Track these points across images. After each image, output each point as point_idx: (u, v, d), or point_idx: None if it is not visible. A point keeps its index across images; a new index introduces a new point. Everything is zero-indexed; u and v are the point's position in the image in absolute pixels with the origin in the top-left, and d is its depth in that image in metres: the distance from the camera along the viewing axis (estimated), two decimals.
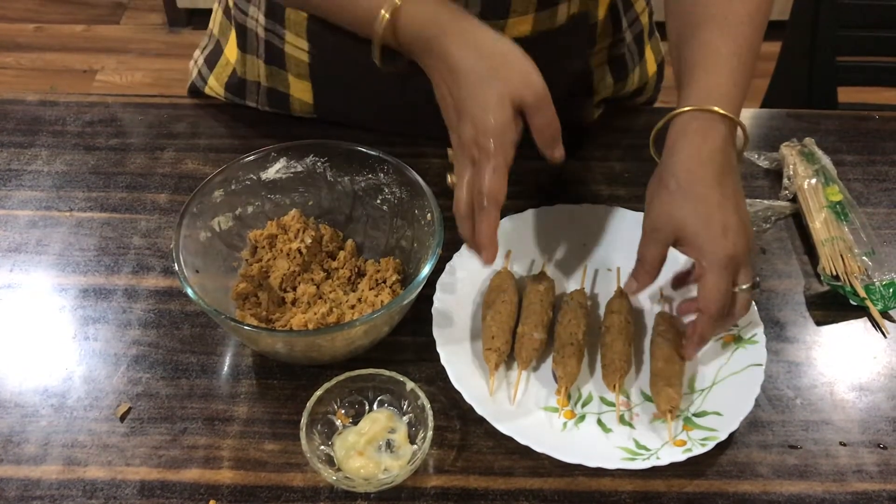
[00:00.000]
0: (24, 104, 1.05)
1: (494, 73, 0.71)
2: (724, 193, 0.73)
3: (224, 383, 0.78)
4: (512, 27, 0.87)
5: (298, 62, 0.95)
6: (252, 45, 0.97)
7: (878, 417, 0.77)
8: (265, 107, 1.02)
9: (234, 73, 1.01)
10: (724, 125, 0.74)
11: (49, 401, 0.77)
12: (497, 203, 0.71)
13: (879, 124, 1.06)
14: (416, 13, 0.74)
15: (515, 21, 0.87)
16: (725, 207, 0.72)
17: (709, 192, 0.72)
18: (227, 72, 1.02)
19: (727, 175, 0.73)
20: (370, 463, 0.70)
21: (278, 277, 0.82)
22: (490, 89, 0.71)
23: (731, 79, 0.75)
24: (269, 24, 0.94)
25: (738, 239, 0.72)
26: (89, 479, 0.71)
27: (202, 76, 1.05)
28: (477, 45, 0.73)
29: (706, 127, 0.74)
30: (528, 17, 0.87)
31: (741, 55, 0.76)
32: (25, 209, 0.93)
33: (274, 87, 0.99)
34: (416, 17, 0.74)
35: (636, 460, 0.71)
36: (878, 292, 0.85)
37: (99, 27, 2.76)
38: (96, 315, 0.83)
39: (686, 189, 0.73)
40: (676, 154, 0.74)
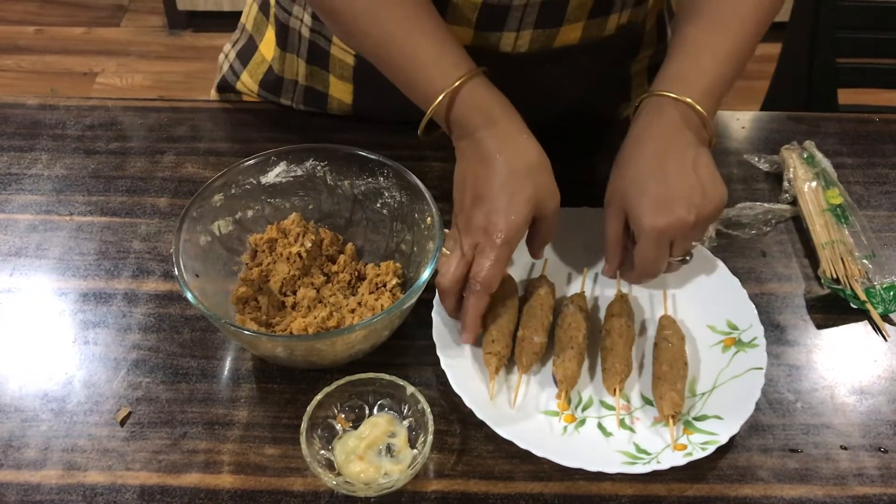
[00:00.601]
0: (24, 108, 1.05)
1: (528, 176, 0.74)
2: (667, 167, 0.75)
3: (224, 387, 0.78)
4: (563, 35, 0.88)
5: (343, 65, 0.95)
6: (293, 44, 0.97)
7: (878, 421, 0.77)
8: (300, 105, 1.02)
9: (270, 71, 1.00)
10: (678, 108, 0.76)
11: (49, 405, 0.77)
12: (490, 291, 0.75)
13: (880, 127, 1.06)
14: (472, 99, 0.75)
15: (567, 28, 0.88)
16: (664, 182, 0.74)
17: (648, 166, 0.75)
18: (262, 69, 1.01)
19: (676, 152, 0.75)
20: (370, 467, 0.70)
21: (278, 281, 0.82)
22: (521, 189, 0.73)
23: (697, 68, 0.78)
24: (315, 26, 0.94)
25: (675, 214, 0.73)
26: (89, 483, 0.71)
27: (234, 71, 1.04)
28: (518, 145, 0.75)
29: (658, 109, 0.77)
30: (579, 25, 0.88)
31: (719, 51, 0.78)
32: (25, 213, 0.93)
33: (312, 87, 0.99)
34: (469, 101, 0.75)
35: (636, 464, 0.71)
36: (879, 295, 0.85)
37: (99, 30, 2.76)
38: (96, 319, 0.83)
39: (630, 163, 0.77)
40: (630, 134, 0.79)
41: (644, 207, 0.74)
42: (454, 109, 0.75)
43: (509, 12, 0.84)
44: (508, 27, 0.85)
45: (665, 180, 0.74)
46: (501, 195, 0.73)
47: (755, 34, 0.80)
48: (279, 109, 1.03)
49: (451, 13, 0.84)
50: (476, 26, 0.85)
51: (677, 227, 0.74)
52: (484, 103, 0.75)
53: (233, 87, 1.05)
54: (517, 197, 0.73)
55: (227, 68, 1.05)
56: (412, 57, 0.76)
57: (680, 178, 0.74)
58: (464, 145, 0.76)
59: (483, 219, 0.73)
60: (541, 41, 0.88)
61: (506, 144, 0.74)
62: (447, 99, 0.74)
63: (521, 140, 0.75)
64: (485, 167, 0.74)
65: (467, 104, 0.75)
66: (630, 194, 0.76)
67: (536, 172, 0.74)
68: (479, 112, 0.75)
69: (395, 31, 0.76)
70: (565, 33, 0.88)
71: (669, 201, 0.73)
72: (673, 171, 0.74)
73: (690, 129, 0.76)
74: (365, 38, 0.78)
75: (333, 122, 1.02)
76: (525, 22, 0.85)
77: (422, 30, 0.76)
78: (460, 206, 0.76)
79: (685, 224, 0.74)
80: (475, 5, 0.83)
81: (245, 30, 1.04)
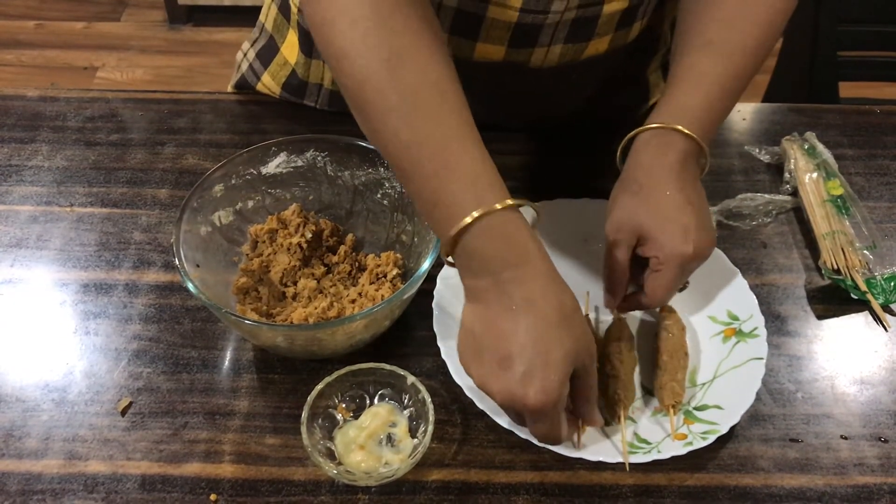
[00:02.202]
0: (25, 100, 1.05)
1: (565, 327, 0.63)
2: (685, 199, 0.74)
3: (225, 378, 0.78)
4: (591, 47, 0.88)
5: None
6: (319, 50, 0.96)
7: (879, 411, 0.77)
8: (324, 107, 1.01)
9: (293, 75, 1.00)
10: (686, 143, 0.75)
11: (50, 395, 0.77)
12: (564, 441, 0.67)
13: (881, 118, 1.06)
14: (505, 229, 0.63)
15: (596, 41, 0.88)
16: (686, 211, 0.73)
17: (670, 196, 0.74)
18: (285, 72, 1.01)
19: (687, 184, 0.74)
20: (371, 457, 0.71)
21: (279, 272, 0.82)
22: (559, 344, 0.62)
23: (705, 102, 0.76)
24: None
25: (697, 242, 0.73)
26: (90, 473, 0.71)
27: (255, 72, 1.04)
28: (553, 291, 0.64)
29: (668, 142, 0.75)
30: (607, 38, 0.88)
31: (724, 83, 0.77)
32: (26, 204, 0.93)
33: (338, 91, 0.97)
34: (502, 231, 0.63)
35: (637, 454, 0.71)
36: (880, 286, 0.85)
37: (100, 24, 2.76)
38: (97, 310, 0.83)
39: (648, 192, 0.74)
40: (639, 163, 0.76)
41: (672, 235, 0.72)
42: (480, 237, 0.63)
43: (542, 30, 0.84)
44: (540, 44, 0.85)
45: (686, 210, 0.73)
46: (538, 355, 0.62)
47: (760, 59, 0.80)
48: (279, 102, 1.03)
49: (485, 32, 0.84)
50: (509, 44, 0.85)
51: (700, 255, 0.73)
52: (519, 237, 0.64)
53: (252, 88, 1.04)
54: (554, 354, 0.62)
55: (247, 68, 1.05)
56: (444, 167, 0.64)
57: (696, 209, 0.74)
58: (482, 286, 0.64)
59: (518, 387, 0.62)
60: (570, 55, 0.88)
61: (539, 291, 0.63)
62: (476, 222, 0.62)
63: (556, 286, 0.64)
64: (513, 319, 0.62)
65: (498, 234, 0.63)
66: (651, 221, 0.73)
67: (572, 322, 0.64)
68: (512, 247, 0.63)
69: (429, 134, 0.65)
70: (594, 46, 0.88)
71: (693, 229, 0.73)
72: (691, 201, 0.74)
73: (695, 163, 0.76)
74: (392, 137, 0.66)
75: (335, 114, 1.02)
76: (556, 38, 0.85)
77: (461, 139, 0.65)
78: (479, 364, 0.65)
79: (705, 252, 0.74)
80: (509, 25, 0.83)
81: (265, 30, 1.03)
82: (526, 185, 0.93)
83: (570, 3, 0.81)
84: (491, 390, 0.64)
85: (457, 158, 0.64)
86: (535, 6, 0.81)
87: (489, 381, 0.64)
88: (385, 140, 0.67)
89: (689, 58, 0.79)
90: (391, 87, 0.64)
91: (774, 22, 0.79)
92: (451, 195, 0.64)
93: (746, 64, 0.78)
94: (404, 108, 0.65)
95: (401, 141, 0.65)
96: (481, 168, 0.65)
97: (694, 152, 0.76)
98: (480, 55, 0.87)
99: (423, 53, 0.65)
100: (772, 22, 0.79)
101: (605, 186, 0.95)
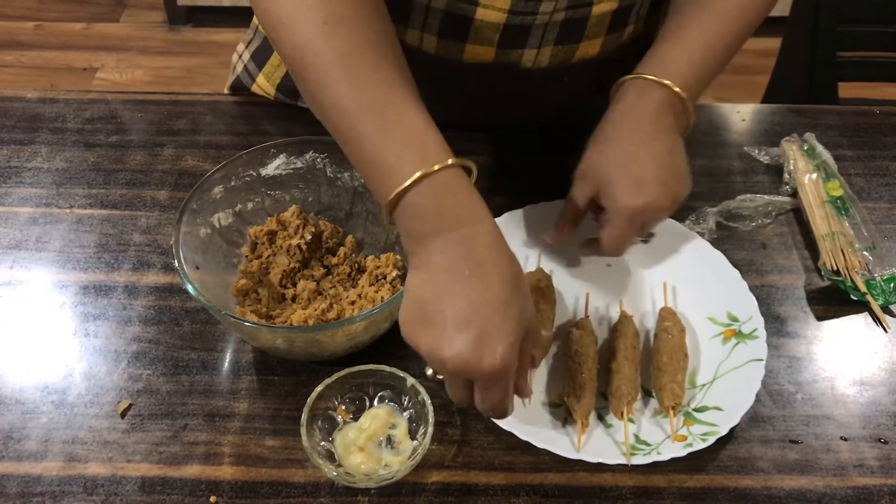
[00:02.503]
0: (24, 101, 1.05)
1: (516, 289, 0.62)
2: (647, 150, 0.75)
3: (224, 379, 0.78)
4: (581, 50, 0.89)
5: None
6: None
7: (878, 412, 0.77)
8: None
9: (287, 76, 1.00)
10: (662, 92, 0.76)
11: (49, 397, 0.77)
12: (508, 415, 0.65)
13: (880, 119, 1.06)
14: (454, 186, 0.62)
15: (586, 44, 0.88)
16: (643, 162, 0.74)
17: (629, 147, 0.75)
18: (279, 73, 1.01)
19: (656, 135, 0.75)
20: (371, 459, 0.70)
21: (278, 274, 0.82)
22: (512, 306, 0.61)
23: (686, 55, 0.78)
24: None
25: (651, 194, 0.73)
26: (90, 475, 0.71)
27: (249, 73, 1.03)
28: (503, 253, 0.63)
29: (642, 91, 0.77)
30: (598, 40, 0.88)
31: (708, 39, 0.79)
32: (25, 206, 0.93)
33: None
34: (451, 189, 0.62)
35: (637, 455, 0.71)
36: (879, 287, 0.85)
37: (99, 25, 2.76)
38: (97, 312, 0.83)
39: (612, 143, 0.76)
40: (611, 113, 0.78)
41: (623, 187, 0.74)
42: (428, 195, 0.61)
43: (531, 31, 0.84)
44: (530, 45, 0.86)
45: (644, 162, 0.75)
46: (491, 317, 0.60)
47: (746, 28, 0.81)
48: (278, 103, 1.03)
49: (474, 34, 0.84)
50: (498, 45, 0.85)
51: (652, 209, 0.74)
52: (467, 196, 0.62)
53: (247, 89, 1.04)
54: (507, 317, 0.60)
55: (242, 69, 1.05)
56: (384, 127, 0.63)
57: (658, 162, 0.75)
58: (429, 250, 0.62)
59: (473, 351, 0.59)
60: (560, 56, 0.89)
61: (489, 253, 0.61)
62: (423, 180, 0.61)
63: (504, 249, 0.63)
64: (465, 282, 0.60)
65: (446, 191, 0.61)
66: (608, 172, 0.75)
67: (521, 286, 0.63)
68: (461, 204, 0.62)
69: (368, 96, 0.63)
70: (584, 48, 0.89)
71: (647, 183, 0.74)
72: (652, 154, 0.75)
73: (671, 115, 0.77)
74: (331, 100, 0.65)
75: None
76: (546, 39, 0.85)
77: (401, 99, 0.64)
78: (428, 331, 0.61)
79: (660, 207, 0.74)
80: (497, 26, 0.83)
81: (258, 31, 1.03)
82: (523, 185, 0.92)
83: (558, 4, 0.81)
84: (442, 357, 0.60)
85: (398, 118, 0.63)
86: (523, 7, 0.81)
87: (441, 347, 0.60)
88: (324, 104, 0.66)
89: (676, 17, 0.81)
90: (328, 49, 0.64)
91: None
92: (394, 156, 0.62)
93: (734, 25, 0.80)
94: (342, 70, 0.64)
95: (340, 104, 0.64)
96: (423, 128, 0.63)
97: (671, 103, 0.76)
98: (470, 56, 0.87)
99: (360, 17, 0.65)
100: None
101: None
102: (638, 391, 0.76)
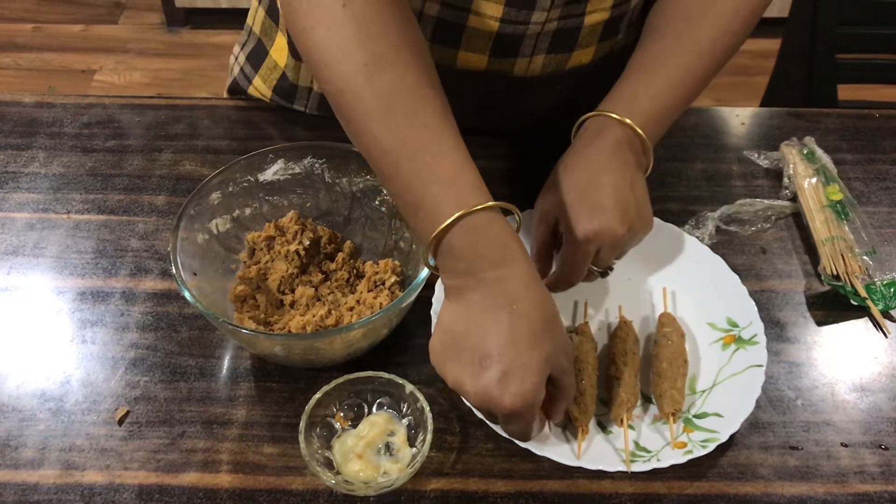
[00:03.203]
0: (21, 106, 1.05)
1: (546, 331, 0.64)
2: (607, 178, 0.74)
3: (222, 386, 0.78)
4: (574, 58, 0.89)
5: None
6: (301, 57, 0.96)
7: (879, 418, 0.77)
8: (313, 111, 1.01)
9: (283, 77, 1.00)
10: (621, 130, 0.75)
11: (46, 405, 0.76)
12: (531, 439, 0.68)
13: (880, 122, 1.06)
14: (489, 228, 0.63)
15: (578, 53, 0.88)
16: (601, 191, 0.73)
17: (588, 174, 0.75)
18: (275, 75, 1.01)
19: (615, 169, 0.75)
20: (369, 466, 0.70)
21: (276, 280, 0.82)
22: (540, 348, 0.63)
23: (651, 92, 0.77)
24: None
25: (607, 218, 0.72)
26: (87, 483, 0.71)
27: (246, 75, 1.03)
28: (536, 294, 0.64)
29: (602, 129, 0.76)
30: (590, 49, 0.89)
31: (672, 76, 0.78)
32: (23, 211, 0.93)
33: None
34: (486, 231, 0.63)
35: (636, 462, 0.70)
36: (879, 292, 0.85)
37: (97, 27, 2.76)
38: (94, 318, 0.83)
39: (569, 173, 0.76)
40: (573, 147, 0.78)
41: (578, 212, 0.73)
42: (463, 236, 0.63)
43: (523, 40, 0.84)
44: (522, 53, 0.86)
45: (601, 190, 0.73)
46: (518, 356, 0.62)
47: (715, 63, 0.80)
48: (277, 107, 1.03)
49: (466, 41, 0.84)
50: (491, 53, 0.86)
51: (608, 235, 0.72)
52: (503, 237, 0.64)
53: (244, 91, 1.04)
54: (535, 356, 0.62)
55: (238, 71, 1.05)
56: (423, 168, 0.64)
57: (616, 191, 0.73)
58: (465, 285, 0.64)
59: (495, 388, 0.62)
60: (553, 65, 0.89)
61: (522, 292, 0.63)
62: (459, 222, 0.62)
63: (539, 289, 0.64)
64: (495, 319, 0.62)
65: (482, 233, 0.63)
66: (565, 200, 0.74)
67: (553, 325, 0.65)
68: (495, 246, 0.63)
69: (408, 137, 0.65)
70: (577, 57, 0.89)
71: (604, 209, 0.72)
72: (610, 183, 0.74)
73: (631, 152, 0.76)
74: (372, 141, 0.66)
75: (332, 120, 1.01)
76: (538, 48, 0.86)
77: (439, 141, 0.65)
78: (456, 363, 0.64)
79: (615, 234, 0.72)
80: (490, 34, 0.83)
81: (252, 32, 1.03)
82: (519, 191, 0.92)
83: (550, 14, 0.81)
84: (466, 390, 0.63)
85: (436, 160, 0.64)
86: (515, 17, 0.81)
87: (465, 380, 0.63)
88: (367, 145, 0.67)
89: (643, 51, 0.80)
90: (369, 91, 0.65)
91: (732, 26, 0.79)
92: (432, 197, 0.64)
93: (700, 61, 0.79)
94: (382, 112, 0.65)
95: (381, 145, 0.66)
96: (461, 169, 0.65)
97: (629, 141, 0.76)
98: (463, 63, 0.87)
99: (402, 58, 0.66)
100: (729, 25, 0.79)
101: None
102: (638, 397, 0.75)
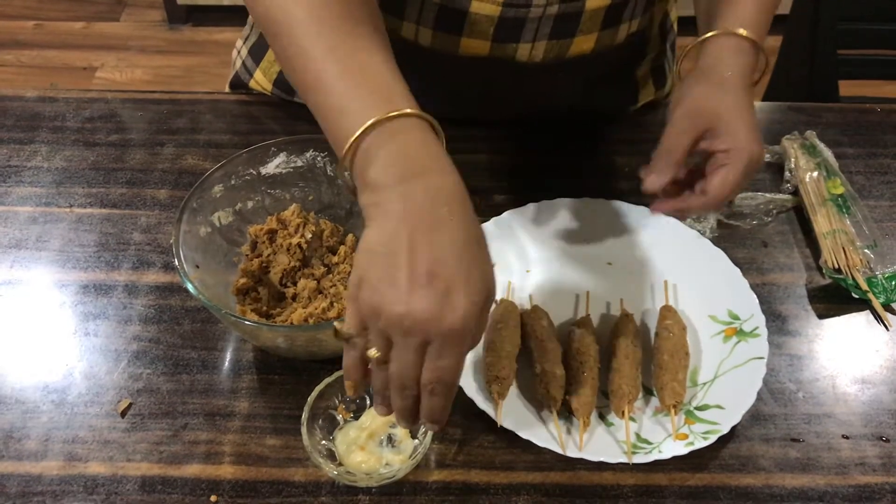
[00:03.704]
0: (24, 100, 1.05)
1: (482, 246, 0.58)
2: (749, 104, 0.75)
3: (225, 378, 0.78)
4: (576, 45, 0.89)
5: None
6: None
7: (880, 410, 0.77)
8: None
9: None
10: (753, 52, 0.78)
11: (50, 397, 0.76)
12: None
13: (881, 117, 1.06)
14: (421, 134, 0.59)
15: (580, 39, 0.88)
16: (753, 115, 0.75)
17: (744, 96, 0.75)
18: (276, 68, 1.01)
19: (749, 93, 0.76)
20: (371, 457, 0.70)
21: (278, 272, 0.82)
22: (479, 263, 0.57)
23: (756, 7, 0.79)
24: None
25: (761, 147, 0.74)
26: (90, 474, 0.71)
27: (247, 69, 1.04)
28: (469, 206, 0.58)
29: (737, 46, 0.77)
30: (592, 36, 0.89)
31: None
32: (25, 205, 0.93)
33: None
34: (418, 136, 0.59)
35: (638, 454, 0.71)
36: (881, 285, 0.85)
37: (99, 24, 2.76)
38: (97, 311, 0.83)
39: (728, 87, 0.75)
40: (720, 60, 0.77)
41: (746, 130, 0.73)
42: (393, 139, 0.58)
43: (525, 24, 0.85)
44: (524, 39, 0.86)
45: (753, 115, 0.75)
46: (459, 271, 0.55)
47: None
48: (279, 101, 1.03)
49: (469, 27, 0.85)
50: (493, 38, 0.86)
51: (760, 159, 0.74)
52: (436, 147, 0.59)
53: (245, 85, 1.05)
54: (475, 273, 0.56)
55: (240, 65, 1.05)
56: (351, 73, 0.61)
57: (754, 118, 0.75)
58: (389, 198, 0.57)
59: (435, 304, 0.54)
60: (555, 51, 0.89)
61: (458, 205, 0.57)
62: (388, 122, 0.58)
63: (470, 205, 0.58)
64: (433, 230, 0.55)
65: (415, 139, 0.58)
66: (723, 113, 0.74)
67: (486, 248, 0.59)
68: (428, 155, 0.58)
69: (337, 44, 0.62)
70: (579, 44, 0.89)
71: (758, 135, 0.74)
72: (751, 110, 0.75)
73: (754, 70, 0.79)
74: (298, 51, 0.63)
75: None
76: (540, 33, 0.86)
77: (369, 50, 0.62)
78: (383, 283, 0.55)
79: (760, 161, 0.74)
80: (492, 19, 0.84)
81: (254, 26, 1.03)
82: (520, 185, 0.92)
83: None
84: (399, 312, 0.54)
85: (365, 66, 0.61)
86: (517, 0, 0.81)
87: (398, 302, 0.54)
88: (293, 57, 0.64)
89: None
90: (297, 4, 0.63)
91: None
92: (361, 99, 0.60)
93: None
94: (311, 21, 0.63)
95: (307, 53, 0.62)
96: (391, 77, 0.61)
97: (756, 58, 0.78)
98: (466, 50, 0.87)
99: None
100: None
101: (604, 186, 0.95)
102: (639, 390, 0.75)
